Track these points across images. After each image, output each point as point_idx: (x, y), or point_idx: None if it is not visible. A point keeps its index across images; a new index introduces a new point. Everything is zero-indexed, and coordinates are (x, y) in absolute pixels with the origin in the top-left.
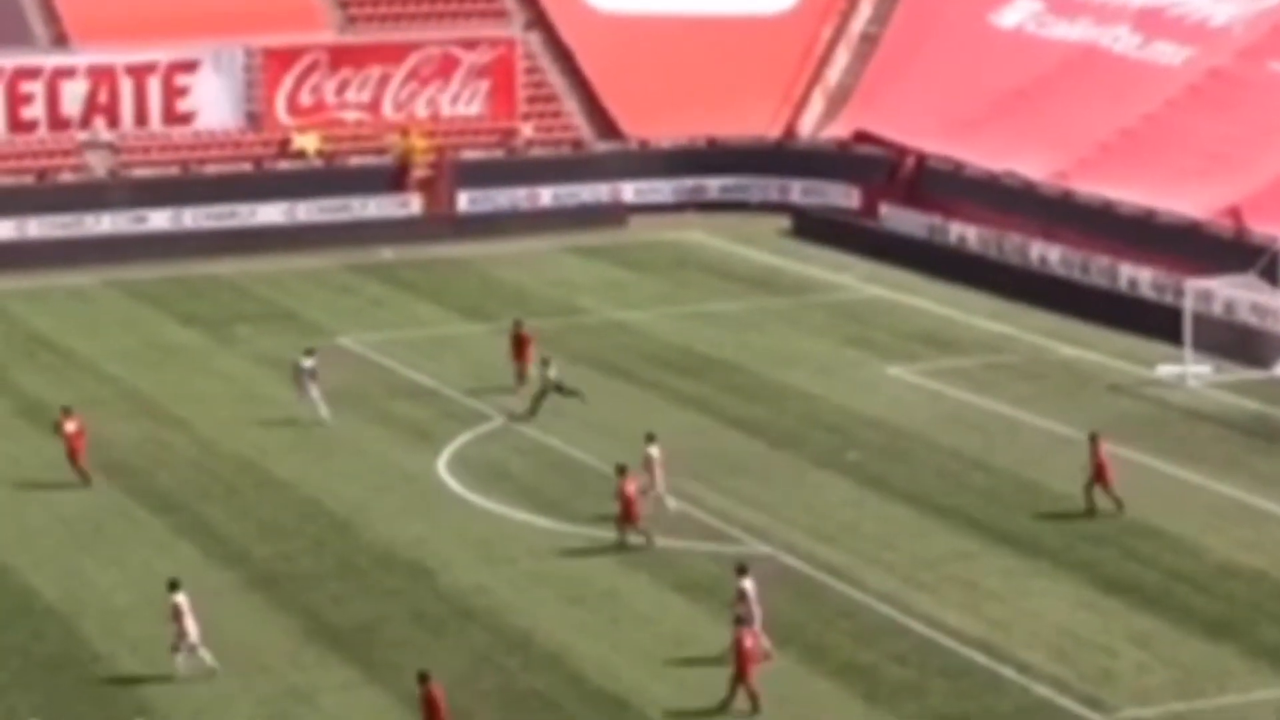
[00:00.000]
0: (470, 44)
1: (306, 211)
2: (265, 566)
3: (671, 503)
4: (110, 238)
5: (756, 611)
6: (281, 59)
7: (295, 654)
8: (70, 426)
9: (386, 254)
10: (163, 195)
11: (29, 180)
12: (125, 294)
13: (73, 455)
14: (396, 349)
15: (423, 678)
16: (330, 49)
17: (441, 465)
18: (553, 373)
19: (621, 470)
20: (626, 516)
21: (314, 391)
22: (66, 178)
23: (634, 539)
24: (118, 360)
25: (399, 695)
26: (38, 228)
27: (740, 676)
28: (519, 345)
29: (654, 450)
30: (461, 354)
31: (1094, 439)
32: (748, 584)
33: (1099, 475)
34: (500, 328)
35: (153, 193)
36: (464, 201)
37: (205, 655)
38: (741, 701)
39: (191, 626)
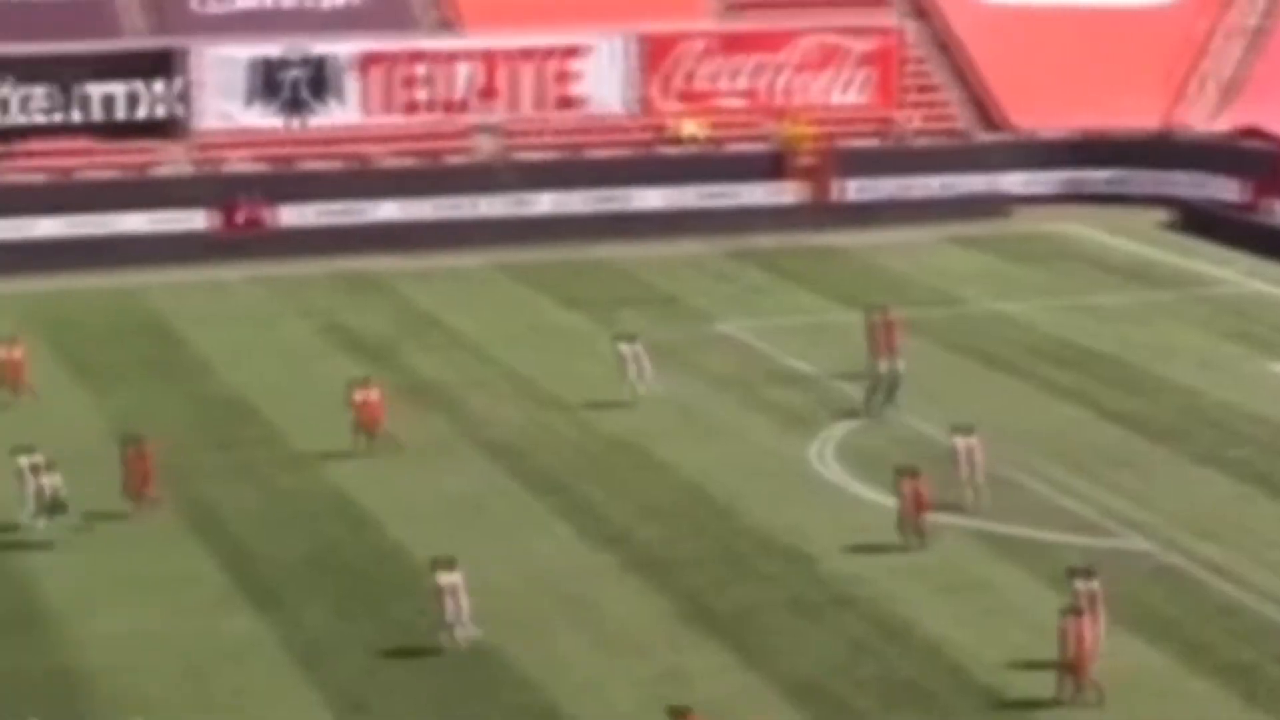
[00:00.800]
0: (854, 32)
1: (687, 197)
2: (644, 549)
3: (976, 496)
4: (496, 220)
5: (1099, 613)
6: (666, 45)
7: (673, 637)
8: (369, 396)
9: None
10: (549, 179)
11: (416, 162)
12: (510, 276)
13: (369, 425)
14: (776, 335)
15: (679, 713)
16: (714, 36)
17: (819, 452)
18: (901, 365)
19: (908, 472)
20: (913, 512)
21: (635, 373)
22: (454, 160)
23: (911, 538)
24: (502, 342)
25: (777, 681)
26: (426, 209)
27: (1069, 665)
28: (885, 332)
29: (966, 441)
30: (841, 342)
31: None
32: (1086, 586)
33: None
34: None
35: (539, 176)
36: (847, 189)
37: (460, 635)
38: (1076, 690)
39: (457, 605)
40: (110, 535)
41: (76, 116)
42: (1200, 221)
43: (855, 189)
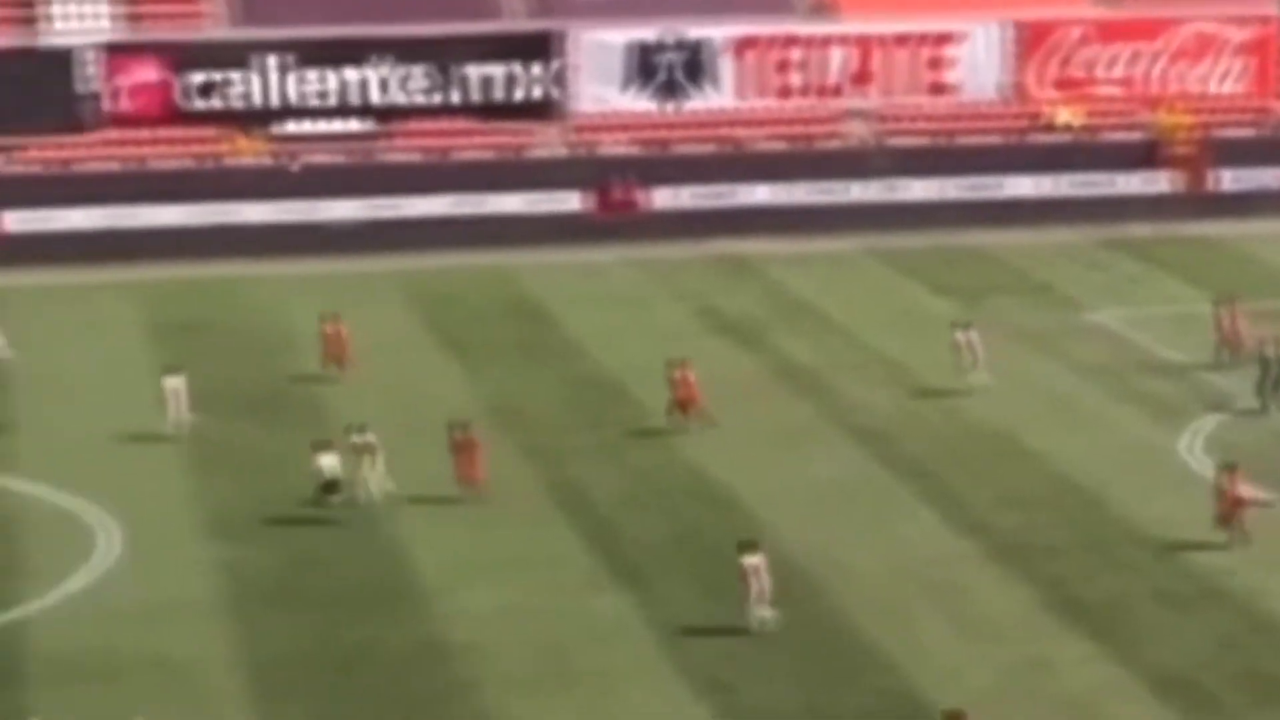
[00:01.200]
0: (1233, 21)
1: (1060, 185)
2: (1008, 537)
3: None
4: (868, 205)
5: None
6: (1042, 32)
7: (1034, 625)
8: (686, 375)
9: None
10: (921, 165)
11: (789, 146)
12: (881, 261)
13: (684, 403)
14: (1148, 326)
15: (953, 716)
16: (1091, 23)
17: (1189, 444)
18: (1270, 350)
19: (1226, 467)
20: (1227, 514)
21: (970, 360)
22: (827, 145)
23: (1223, 533)
24: (872, 327)
25: (1143, 673)
26: (798, 193)
27: None
28: (1230, 322)
29: None
30: (1214, 333)
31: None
32: None
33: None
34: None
35: (911, 162)
36: (1222, 179)
37: (762, 614)
38: None
39: (760, 585)
40: (482, 513)
41: (455, 97)
42: None
43: (1231, 179)
